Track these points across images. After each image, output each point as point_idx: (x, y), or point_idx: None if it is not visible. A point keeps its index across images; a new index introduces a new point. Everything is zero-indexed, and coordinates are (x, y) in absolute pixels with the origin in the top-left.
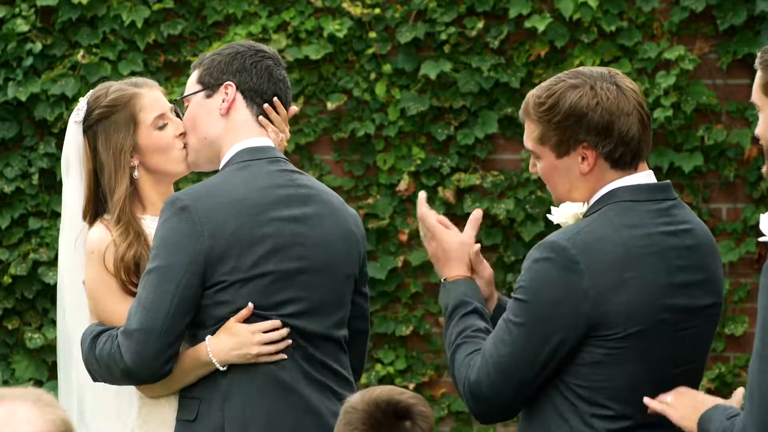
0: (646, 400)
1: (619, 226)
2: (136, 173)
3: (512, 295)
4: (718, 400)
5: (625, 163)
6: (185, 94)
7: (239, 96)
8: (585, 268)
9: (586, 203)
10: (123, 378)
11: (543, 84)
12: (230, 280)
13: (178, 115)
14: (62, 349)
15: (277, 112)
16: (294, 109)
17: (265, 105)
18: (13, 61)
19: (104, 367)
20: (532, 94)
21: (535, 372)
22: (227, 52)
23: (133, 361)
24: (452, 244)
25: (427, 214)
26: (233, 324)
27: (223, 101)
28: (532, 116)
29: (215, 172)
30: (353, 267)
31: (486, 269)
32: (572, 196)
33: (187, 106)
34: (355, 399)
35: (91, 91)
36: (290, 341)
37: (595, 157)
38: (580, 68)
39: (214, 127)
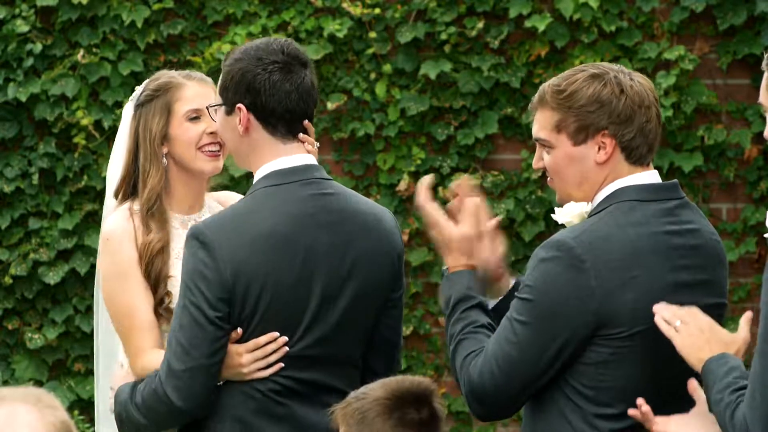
0: (657, 319)
1: (624, 224)
2: (164, 161)
3: (517, 294)
4: (725, 337)
5: (640, 155)
6: (212, 103)
7: (252, 117)
8: (591, 267)
9: (590, 203)
10: None
11: (559, 76)
12: None
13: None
14: (102, 342)
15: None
16: (308, 136)
17: (300, 135)
18: (13, 62)
19: None
20: (548, 84)
21: (540, 371)
22: (237, 67)
23: None
24: (452, 236)
25: (424, 203)
26: (229, 345)
27: (240, 122)
28: (550, 104)
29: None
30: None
31: (498, 247)
32: (582, 188)
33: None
34: (373, 395)
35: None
36: (280, 355)
37: (614, 146)
38: (595, 63)
39: (240, 146)
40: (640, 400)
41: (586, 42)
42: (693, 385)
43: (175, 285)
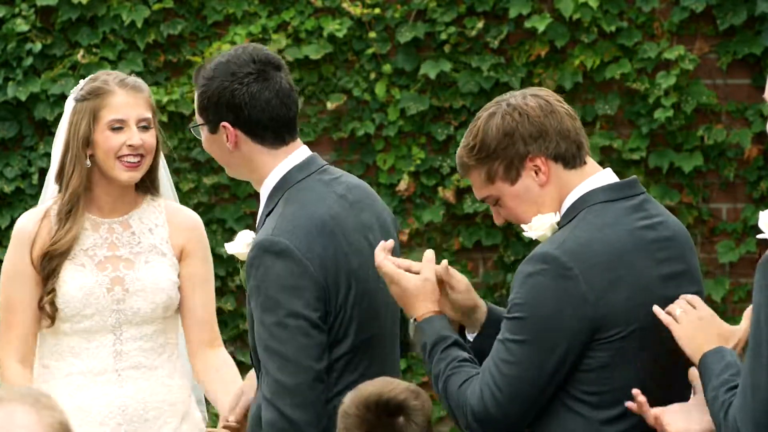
0: (655, 308)
1: (601, 226)
2: (88, 162)
3: (505, 315)
4: (724, 329)
5: (573, 156)
6: (193, 124)
7: (239, 132)
8: (579, 273)
9: (557, 212)
10: None
11: (465, 135)
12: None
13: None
14: None
15: None
16: None
17: None
18: (13, 61)
19: None
20: (459, 148)
21: (543, 386)
22: (213, 87)
23: None
24: (413, 285)
25: (383, 262)
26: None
27: (227, 140)
28: (470, 164)
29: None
30: None
31: (460, 282)
32: (542, 212)
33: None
34: (347, 402)
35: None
36: None
37: (545, 162)
38: (492, 100)
39: (231, 159)
40: (635, 391)
41: (586, 42)
42: (693, 374)
43: (61, 285)
